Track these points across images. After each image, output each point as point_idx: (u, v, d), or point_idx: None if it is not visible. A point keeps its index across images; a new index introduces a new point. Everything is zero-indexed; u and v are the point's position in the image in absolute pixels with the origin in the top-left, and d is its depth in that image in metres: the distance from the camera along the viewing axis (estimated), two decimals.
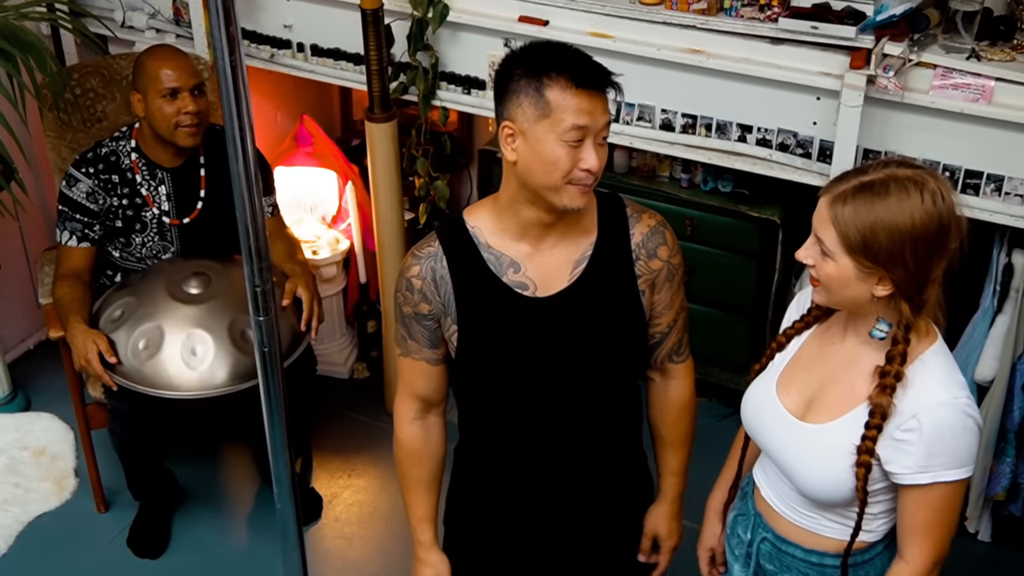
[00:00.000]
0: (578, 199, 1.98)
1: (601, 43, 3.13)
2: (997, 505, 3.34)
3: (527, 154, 1.95)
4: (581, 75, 1.91)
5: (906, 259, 1.78)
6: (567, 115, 1.90)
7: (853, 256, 1.81)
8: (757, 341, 3.70)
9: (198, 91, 3.09)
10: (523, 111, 1.93)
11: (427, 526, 2.30)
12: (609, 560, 2.34)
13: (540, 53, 1.96)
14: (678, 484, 2.33)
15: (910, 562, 1.91)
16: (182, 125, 3.07)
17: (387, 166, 3.51)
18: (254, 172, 1.72)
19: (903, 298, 1.82)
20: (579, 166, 1.93)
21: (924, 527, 1.88)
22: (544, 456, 2.18)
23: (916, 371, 1.85)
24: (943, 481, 1.83)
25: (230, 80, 1.63)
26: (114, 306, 3.04)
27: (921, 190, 1.77)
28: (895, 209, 1.77)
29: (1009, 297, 3.07)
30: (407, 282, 2.10)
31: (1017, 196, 2.86)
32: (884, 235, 1.77)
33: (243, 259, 1.78)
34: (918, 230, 1.76)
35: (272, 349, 1.87)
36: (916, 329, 1.86)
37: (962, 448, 1.82)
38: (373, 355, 4.16)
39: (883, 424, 1.84)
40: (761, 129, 3.09)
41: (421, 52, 3.38)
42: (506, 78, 1.96)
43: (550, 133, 1.91)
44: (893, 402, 1.83)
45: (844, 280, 1.84)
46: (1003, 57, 2.82)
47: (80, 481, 3.62)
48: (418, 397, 2.22)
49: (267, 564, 3.25)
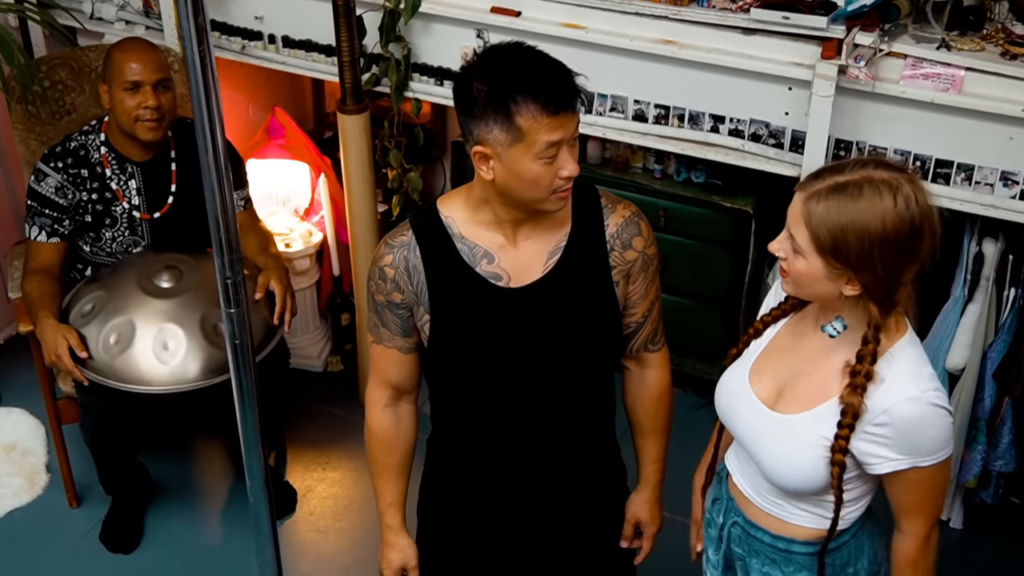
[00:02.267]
0: (561, 203, 1.99)
1: (573, 34, 3.13)
2: (969, 492, 3.37)
3: (505, 175, 1.94)
4: (551, 100, 1.87)
5: (875, 263, 1.78)
6: (540, 137, 1.88)
7: (823, 256, 1.81)
8: (731, 331, 3.71)
9: (162, 86, 3.06)
10: (494, 136, 1.90)
11: (395, 511, 2.31)
12: (582, 551, 2.34)
13: (504, 71, 1.90)
14: (658, 471, 2.34)
15: (909, 534, 1.94)
16: (141, 119, 3.04)
17: (360, 158, 3.49)
18: (224, 164, 1.71)
19: (872, 300, 1.82)
20: (559, 175, 1.93)
21: (915, 505, 1.91)
22: (517, 447, 2.18)
23: (885, 366, 1.86)
24: (922, 466, 1.85)
25: (199, 71, 1.62)
26: (84, 300, 3.02)
27: (895, 194, 1.76)
28: (867, 212, 1.76)
29: (980, 286, 3.09)
30: (380, 271, 2.09)
31: (987, 185, 2.88)
32: (854, 238, 1.77)
33: (214, 251, 1.77)
34: (889, 234, 1.76)
35: (244, 342, 1.87)
36: (888, 323, 1.87)
37: (936, 435, 1.84)
38: (347, 348, 4.15)
39: (855, 424, 1.85)
40: (733, 119, 3.09)
41: (393, 43, 3.37)
42: (468, 95, 1.91)
43: (525, 155, 1.90)
44: (864, 402, 1.84)
45: (813, 278, 1.85)
46: (973, 47, 2.83)
47: (52, 476, 3.60)
48: (390, 385, 2.22)
49: (241, 558, 3.24)
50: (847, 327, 1.90)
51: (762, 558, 2.08)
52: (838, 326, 1.91)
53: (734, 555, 2.15)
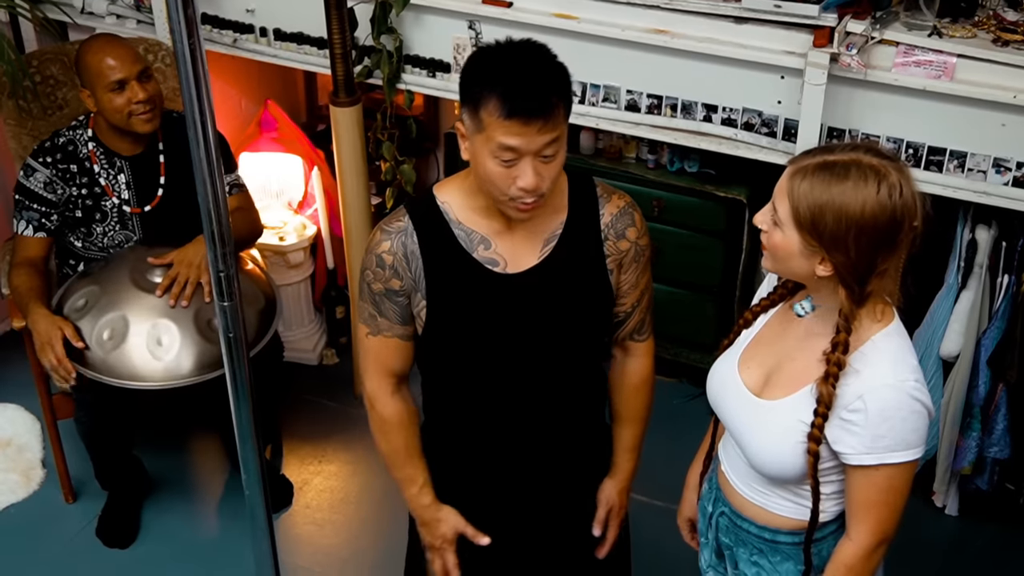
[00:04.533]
0: (521, 215, 1.98)
1: (565, 24, 3.12)
2: (964, 479, 3.37)
3: (473, 160, 1.96)
4: (509, 103, 1.85)
5: (848, 245, 1.78)
6: (496, 135, 1.88)
7: (800, 231, 1.81)
8: (725, 321, 3.71)
9: (145, 76, 3.05)
10: (466, 119, 1.93)
11: (428, 489, 2.26)
12: (575, 537, 2.35)
13: (488, 63, 1.92)
14: (632, 460, 2.34)
15: (854, 540, 1.92)
16: (136, 114, 3.03)
17: (353, 151, 3.49)
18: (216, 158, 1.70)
19: (842, 284, 1.82)
20: (517, 183, 1.92)
21: (869, 506, 1.89)
22: (510, 433, 2.19)
23: (865, 353, 1.86)
24: (888, 463, 1.84)
25: (189, 64, 1.61)
26: (77, 295, 3.01)
27: (880, 181, 1.77)
28: (849, 194, 1.77)
29: (973, 273, 3.10)
30: (377, 258, 2.08)
31: (980, 172, 2.88)
32: (831, 217, 1.77)
33: (206, 244, 1.77)
34: (866, 219, 1.76)
35: (238, 335, 1.86)
36: (869, 312, 1.87)
37: (908, 431, 1.83)
38: (342, 341, 4.15)
39: (828, 412, 1.85)
40: (726, 109, 3.09)
41: (385, 35, 3.36)
42: (466, 70, 1.94)
43: (484, 147, 1.91)
44: (835, 391, 1.84)
45: (788, 252, 1.85)
46: (964, 34, 2.83)
47: (48, 472, 3.60)
48: (392, 373, 2.19)
49: (238, 552, 3.24)
50: (815, 308, 1.91)
51: (749, 548, 2.09)
52: (807, 305, 1.92)
53: (723, 544, 2.16)
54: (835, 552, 1.96)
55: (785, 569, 2.05)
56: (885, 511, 1.89)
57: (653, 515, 3.21)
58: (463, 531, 2.27)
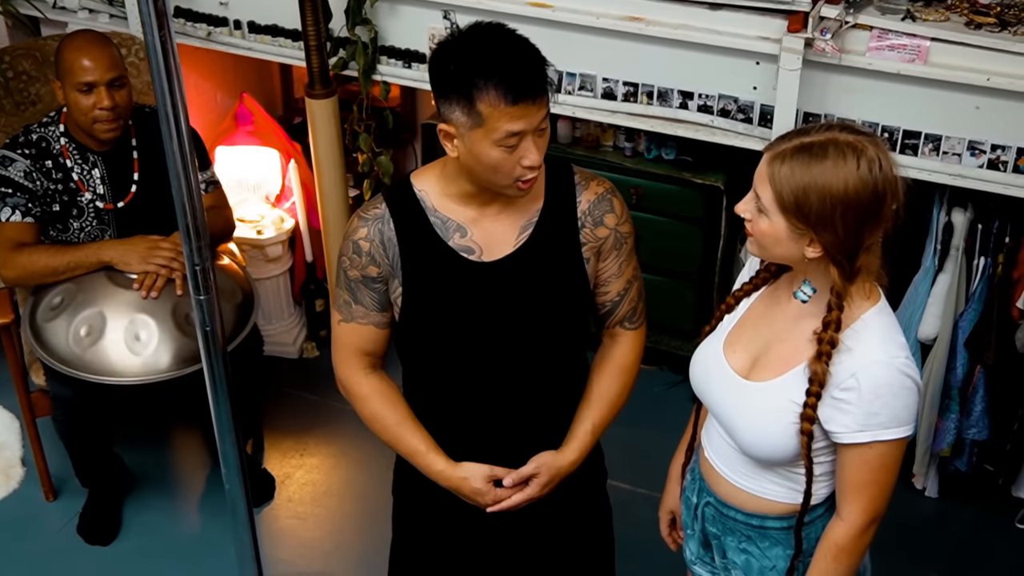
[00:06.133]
0: (522, 192, 1.99)
1: (540, 12, 3.12)
2: (943, 461, 3.39)
3: (467, 156, 1.94)
4: (513, 88, 1.86)
5: (836, 224, 1.79)
6: (501, 124, 1.87)
7: (786, 215, 1.82)
8: (705, 307, 3.72)
9: (117, 84, 3.00)
10: (457, 117, 1.90)
11: (436, 454, 2.16)
12: (557, 526, 2.34)
13: (472, 53, 1.90)
14: (585, 443, 2.20)
15: (846, 519, 1.93)
16: (99, 120, 2.99)
17: (329, 143, 3.48)
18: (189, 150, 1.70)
19: (833, 263, 1.83)
20: (521, 163, 1.93)
21: (861, 485, 1.90)
22: (488, 421, 2.18)
23: (856, 331, 1.86)
24: (882, 440, 1.85)
25: (160, 57, 1.61)
26: (52, 293, 2.99)
27: (859, 157, 1.78)
28: (830, 173, 1.77)
29: (950, 256, 3.11)
30: (354, 245, 2.07)
31: (955, 155, 2.89)
32: (816, 197, 1.78)
33: (181, 238, 1.77)
34: (850, 196, 1.77)
35: (214, 328, 1.87)
36: (859, 290, 1.88)
37: (900, 407, 1.84)
38: (322, 334, 4.14)
39: (821, 391, 1.86)
40: (702, 95, 3.09)
41: (360, 26, 3.35)
42: (437, 72, 1.93)
43: (485, 140, 1.90)
44: (829, 369, 1.85)
45: (776, 238, 1.86)
46: (937, 17, 2.84)
47: (27, 470, 3.58)
48: (365, 353, 2.17)
49: (220, 547, 3.23)
50: (816, 291, 1.91)
51: (737, 536, 2.09)
52: (807, 290, 1.92)
53: (709, 534, 2.16)
54: (826, 532, 1.97)
55: (774, 554, 2.06)
56: (876, 490, 1.90)
57: (635, 503, 3.22)
58: (494, 475, 2.15)
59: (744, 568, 2.10)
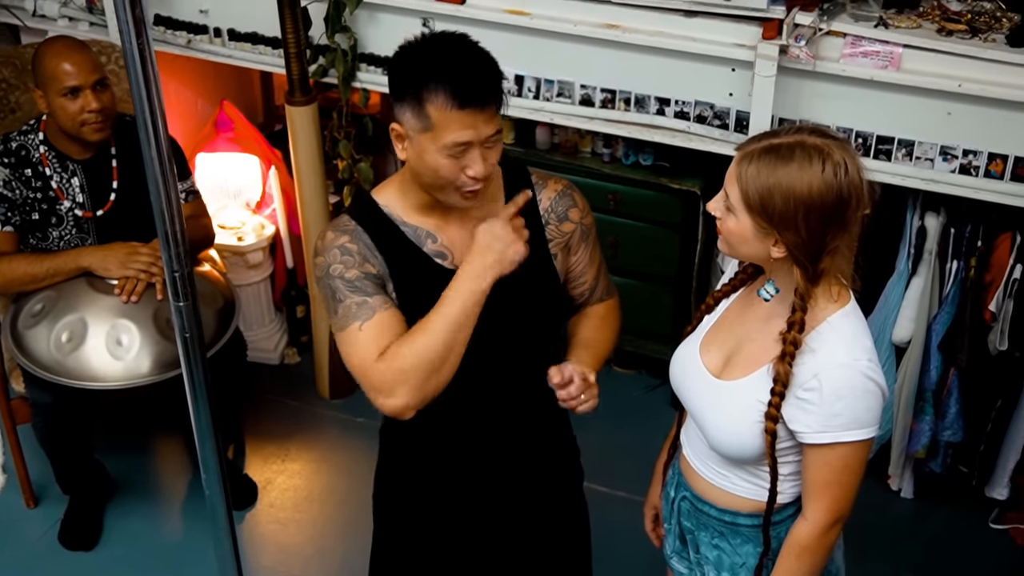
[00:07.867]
0: (463, 201, 1.99)
1: (518, 20, 3.14)
2: (918, 462, 3.43)
3: (414, 158, 1.96)
4: (461, 93, 1.87)
5: (799, 225, 1.82)
6: (448, 132, 1.89)
7: (751, 214, 1.85)
8: (682, 311, 3.74)
9: (100, 86, 3.01)
10: (407, 119, 1.92)
11: None
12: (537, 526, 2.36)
13: (426, 58, 1.92)
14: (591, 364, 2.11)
15: (809, 519, 1.96)
16: (88, 123, 3.00)
17: (309, 150, 3.49)
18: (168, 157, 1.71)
19: (796, 264, 1.86)
20: (466, 172, 1.93)
21: (824, 485, 1.93)
22: (468, 421, 2.20)
23: (821, 333, 1.89)
24: (843, 441, 1.88)
25: (138, 64, 1.62)
26: (33, 300, 3.00)
27: (824, 160, 1.81)
28: (795, 175, 1.81)
29: (923, 259, 3.15)
30: (342, 248, 2.03)
31: (927, 160, 2.93)
32: (780, 198, 1.81)
33: (160, 245, 1.78)
34: (814, 199, 1.80)
35: (194, 334, 1.87)
36: (824, 292, 1.91)
37: (862, 410, 1.87)
38: (303, 340, 4.15)
39: (785, 391, 1.88)
40: (679, 102, 3.12)
41: (339, 34, 3.37)
42: (396, 73, 1.94)
43: (432, 144, 1.91)
44: (792, 370, 1.87)
45: (742, 236, 1.89)
46: (910, 24, 2.88)
47: (8, 477, 3.57)
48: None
49: (201, 553, 3.24)
50: (779, 291, 1.94)
51: (710, 531, 2.12)
52: (771, 289, 1.96)
53: (684, 528, 2.19)
54: (790, 531, 2.00)
55: (745, 552, 2.09)
56: (839, 490, 1.93)
57: (614, 506, 3.24)
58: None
59: (716, 563, 2.13)
